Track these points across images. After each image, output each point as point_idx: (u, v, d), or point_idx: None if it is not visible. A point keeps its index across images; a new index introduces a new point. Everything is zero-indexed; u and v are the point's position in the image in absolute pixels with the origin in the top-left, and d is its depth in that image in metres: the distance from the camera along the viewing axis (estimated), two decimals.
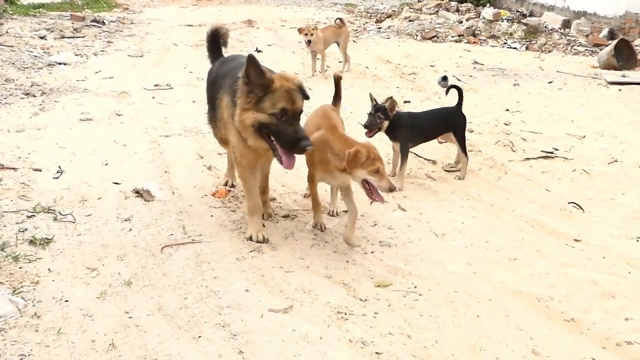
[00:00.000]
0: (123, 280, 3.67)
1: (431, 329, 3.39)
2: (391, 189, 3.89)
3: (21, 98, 7.45)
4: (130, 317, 3.31)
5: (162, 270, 3.83)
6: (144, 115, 7.19)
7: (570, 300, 3.76)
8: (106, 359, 2.97)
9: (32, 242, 4.00)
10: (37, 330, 3.15)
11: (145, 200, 4.83)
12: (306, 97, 4.08)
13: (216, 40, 5.22)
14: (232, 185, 5.17)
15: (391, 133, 5.48)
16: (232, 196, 5.04)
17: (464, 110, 5.72)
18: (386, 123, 5.34)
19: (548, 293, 3.81)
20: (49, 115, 6.84)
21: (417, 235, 4.52)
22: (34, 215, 4.40)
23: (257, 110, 3.91)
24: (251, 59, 3.86)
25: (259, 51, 11.18)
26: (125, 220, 4.49)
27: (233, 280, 3.75)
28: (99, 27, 13.05)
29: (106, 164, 5.49)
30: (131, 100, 7.80)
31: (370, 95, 5.50)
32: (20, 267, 3.68)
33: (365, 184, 3.95)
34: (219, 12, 16.82)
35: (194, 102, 7.81)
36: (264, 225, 4.41)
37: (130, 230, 4.35)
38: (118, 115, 7.08)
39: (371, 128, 5.32)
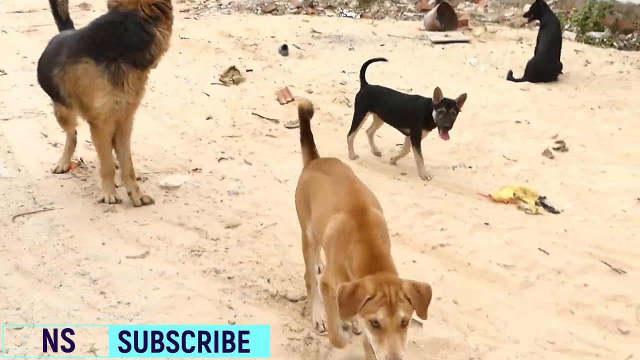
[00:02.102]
0: None
1: (276, 255, 3.90)
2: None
3: None
4: None
5: (16, 236, 4.01)
6: None
7: (396, 220, 4.43)
8: None
9: None
10: None
11: None
12: None
13: (55, 10, 5.17)
14: (62, 171, 5.11)
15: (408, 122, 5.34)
16: (82, 167, 5.22)
17: (304, 74, 6.23)
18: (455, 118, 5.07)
19: None
20: None
21: (263, 183, 5.02)
22: None
23: None
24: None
25: None
26: None
27: (89, 237, 4.02)
28: None
29: None
30: None
31: (438, 90, 5.05)
32: None
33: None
34: None
35: (32, 85, 7.69)
36: (117, 186, 4.67)
37: None
38: None
39: (451, 127, 5.02)
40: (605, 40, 9.53)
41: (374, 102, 5.55)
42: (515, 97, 7.31)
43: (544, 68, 7.73)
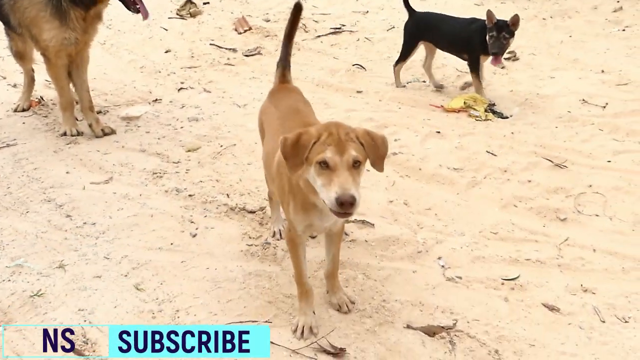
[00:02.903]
0: None
1: (236, 173, 4.02)
2: (343, 202, 2.10)
3: None
4: None
5: None
6: None
7: None
8: None
9: None
10: None
11: None
12: None
13: None
14: (23, 109, 5.12)
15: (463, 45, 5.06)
16: (42, 105, 5.23)
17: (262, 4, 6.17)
18: (511, 42, 4.84)
19: None
20: None
21: (222, 108, 5.08)
22: None
23: None
24: None
25: None
26: None
27: (53, 167, 4.09)
28: None
29: None
30: None
31: (489, 13, 4.79)
32: None
33: None
34: None
35: None
36: (77, 120, 4.71)
37: None
38: None
39: (501, 53, 4.82)
40: None
41: (426, 30, 5.15)
42: (470, 12, 7.35)
43: None
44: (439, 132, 4.55)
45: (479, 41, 4.86)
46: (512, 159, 4.14)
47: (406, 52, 5.25)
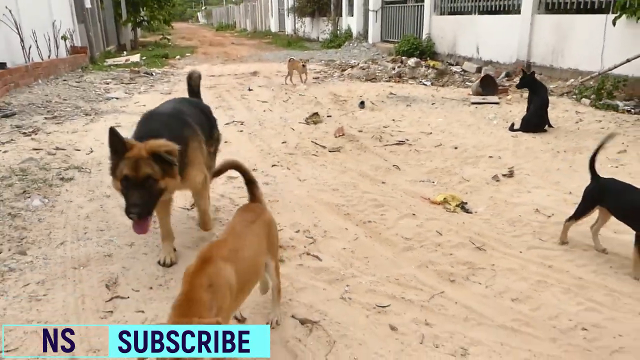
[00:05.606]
0: None
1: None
2: None
3: (82, 117, 9.12)
4: None
5: None
6: None
7: (356, 206, 5.11)
8: None
9: (61, 179, 5.58)
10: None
11: None
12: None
13: (189, 82, 4.98)
14: None
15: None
16: None
17: (365, 120, 7.03)
18: None
19: (342, 202, 5.21)
20: (94, 125, 8.47)
21: (288, 180, 5.92)
22: (68, 169, 5.99)
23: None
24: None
25: (250, 90, 12.73)
26: None
27: None
28: (148, 77, 14.80)
29: None
30: None
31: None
32: (50, 187, 5.28)
33: None
34: (237, 67, 18.46)
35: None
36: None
37: None
38: None
39: None
40: (624, 107, 9.17)
41: (607, 197, 4.00)
42: (504, 141, 7.53)
43: (533, 122, 7.86)
44: (414, 214, 4.91)
45: None
46: (451, 238, 4.40)
47: (581, 213, 4.16)
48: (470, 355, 2.90)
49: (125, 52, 23.46)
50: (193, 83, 4.95)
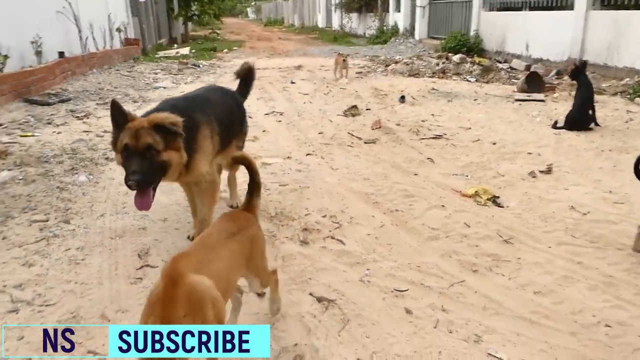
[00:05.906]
0: None
1: (312, 199, 4.91)
2: None
3: (130, 103, 9.54)
4: None
5: None
6: None
7: (386, 195, 5.14)
8: None
9: (106, 158, 5.90)
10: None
11: None
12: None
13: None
14: None
15: None
16: None
17: (404, 115, 7.01)
18: None
19: (372, 191, 5.24)
20: (140, 111, 8.71)
21: (321, 168, 6.01)
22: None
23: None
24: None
25: (293, 82, 12.88)
26: None
27: None
28: (195, 68, 15.25)
29: None
30: None
31: None
32: (95, 165, 5.59)
33: None
34: (282, 60, 18.70)
35: None
36: None
37: None
38: None
39: None
40: None
41: None
42: (545, 138, 7.32)
43: (577, 119, 7.58)
44: (443, 205, 4.88)
45: None
46: (478, 230, 4.36)
47: None
48: (483, 342, 2.90)
49: (176, 45, 24.22)
50: (244, 74, 4.87)
